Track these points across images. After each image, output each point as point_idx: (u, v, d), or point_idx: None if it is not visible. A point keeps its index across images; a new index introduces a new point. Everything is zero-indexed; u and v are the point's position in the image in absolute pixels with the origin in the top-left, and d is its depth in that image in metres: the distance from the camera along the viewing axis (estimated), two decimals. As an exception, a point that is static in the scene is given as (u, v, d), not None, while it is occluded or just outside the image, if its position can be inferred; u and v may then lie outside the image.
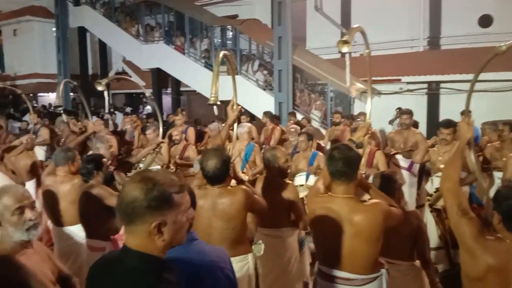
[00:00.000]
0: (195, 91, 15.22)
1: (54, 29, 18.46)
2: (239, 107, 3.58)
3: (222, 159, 2.79)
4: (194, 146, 7.08)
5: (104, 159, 3.61)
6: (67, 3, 17.13)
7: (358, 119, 8.18)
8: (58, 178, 3.88)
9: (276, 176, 3.51)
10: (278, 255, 3.37)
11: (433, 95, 11.56)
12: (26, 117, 11.47)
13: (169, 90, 19.10)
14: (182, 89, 17.98)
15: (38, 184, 5.27)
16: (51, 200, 3.89)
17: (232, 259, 2.09)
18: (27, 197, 2.15)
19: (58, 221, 3.92)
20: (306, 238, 3.74)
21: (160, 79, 16.45)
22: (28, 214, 2.11)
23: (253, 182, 3.54)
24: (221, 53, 3.51)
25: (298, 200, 3.46)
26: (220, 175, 2.80)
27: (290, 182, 3.66)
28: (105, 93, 5.70)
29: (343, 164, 2.43)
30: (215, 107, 3.93)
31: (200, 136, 8.73)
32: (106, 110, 9.31)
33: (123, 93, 22.31)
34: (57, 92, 6.29)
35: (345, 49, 3.04)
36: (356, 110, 11.19)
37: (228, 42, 14.64)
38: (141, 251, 1.36)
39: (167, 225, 1.35)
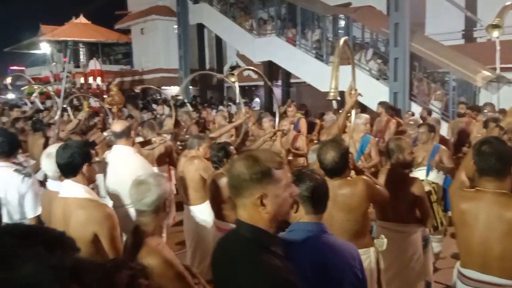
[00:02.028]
0: (304, 82, 15.24)
1: (175, 26, 19.84)
2: (358, 92, 3.38)
3: (341, 152, 2.72)
4: (304, 136, 7.13)
5: (232, 147, 3.82)
6: (187, 1, 18.31)
7: (485, 111, 7.46)
8: (186, 159, 4.38)
9: (399, 168, 3.37)
10: (399, 250, 3.24)
11: None
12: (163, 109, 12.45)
13: (279, 82, 19.42)
14: (292, 81, 18.14)
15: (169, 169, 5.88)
16: (181, 180, 4.39)
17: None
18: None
19: (186, 200, 4.39)
20: (431, 237, 3.54)
21: (271, 71, 16.79)
22: None
23: (374, 174, 3.43)
24: (342, 40, 3.36)
25: (424, 196, 3.28)
26: (339, 168, 2.74)
27: (417, 176, 3.48)
28: (236, 84, 5.96)
29: (496, 160, 2.24)
30: (334, 101, 3.79)
31: (311, 127, 8.74)
32: (237, 101, 9.85)
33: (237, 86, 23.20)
34: (183, 83, 6.76)
35: (495, 33, 2.77)
36: (481, 101, 10.20)
37: (340, 31, 14.36)
38: (250, 223, 1.48)
39: (269, 198, 1.46)
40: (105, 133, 6.40)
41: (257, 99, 18.61)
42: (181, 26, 18.40)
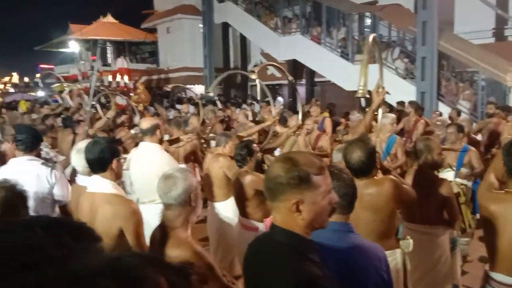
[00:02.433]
0: (329, 81, 15.13)
1: (201, 25, 19.97)
2: (385, 90, 3.31)
3: (367, 151, 2.67)
4: (327, 136, 7.08)
5: (255, 145, 3.83)
6: (212, 0, 18.42)
7: (516, 111, 7.26)
8: (212, 156, 4.44)
9: (427, 169, 3.30)
10: (426, 252, 3.18)
11: None
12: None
13: (303, 81, 19.33)
14: (316, 79, 18.04)
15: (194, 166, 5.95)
16: (206, 177, 4.45)
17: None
18: None
19: (211, 196, 4.44)
20: (458, 239, 3.46)
21: (296, 70, 16.73)
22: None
23: (400, 175, 3.37)
24: (371, 37, 3.31)
25: (453, 198, 3.20)
26: (365, 168, 2.69)
27: (445, 178, 3.41)
28: (257, 81, 5.90)
29: None
30: (362, 99, 3.75)
31: (336, 127, 8.67)
32: (259, 98, 9.88)
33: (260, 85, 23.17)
34: (215, 81, 6.81)
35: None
36: (512, 101, 9.93)
37: (366, 30, 14.21)
38: (285, 228, 1.43)
39: (306, 205, 1.40)
40: (132, 131, 6.51)
41: (279, 98, 18.57)
42: (206, 25, 18.52)
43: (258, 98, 11.11)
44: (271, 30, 15.90)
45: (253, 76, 5.55)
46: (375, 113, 3.38)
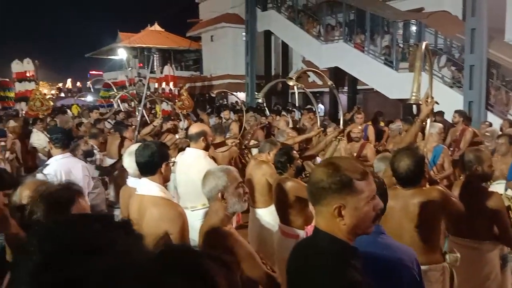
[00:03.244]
0: (372, 89, 14.89)
1: (243, 33, 20.23)
2: (434, 100, 3.25)
3: (416, 160, 2.62)
4: (372, 145, 6.96)
5: (295, 151, 3.84)
6: (256, 9, 18.63)
7: None
8: (255, 162, 4.48)
9: (476, 181, 3.20)
10: (474, 268, 3.07)
11: None
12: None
13: (345, 89, 19.12)
14: (358, 87, 17.80)
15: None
16: (248, 182, 4.47)
17: (425, 267, 1.99)
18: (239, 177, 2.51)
19: (252, 202, 4.48)
20: (510, 255, 3.32)
21: (338, 77, 16.58)
22: (244, 188, 2.45)
23: (447, 187, 3.28)
24: (423, 44, 3.27)
25: (503, 211, 3.07)
26: (413, 177, 2.63)
27: (495, 191, 3.28)
28: (295, 88, 5.89)
29: None
30: (414, 106, 3.70)
31: (378, 136, 8.53)
32: (297, 104, 10.01)
33: (300, 92, 23.11)
34: (265, 88, 6.93)
35: None
36: None
37: (411, 37, 13.91)
38: (328, 232, 1.44)
39: (348, 210, 1.40)
40: (176, 136, 6.68)
41: (321, 106, 18.44)
42: (249, 33, 18.73)
43: (297, 104, 11.19)
44: (313, 38, 15.87)
45: (291, 83, 5.54)
46: (424, 123, 3.32)
